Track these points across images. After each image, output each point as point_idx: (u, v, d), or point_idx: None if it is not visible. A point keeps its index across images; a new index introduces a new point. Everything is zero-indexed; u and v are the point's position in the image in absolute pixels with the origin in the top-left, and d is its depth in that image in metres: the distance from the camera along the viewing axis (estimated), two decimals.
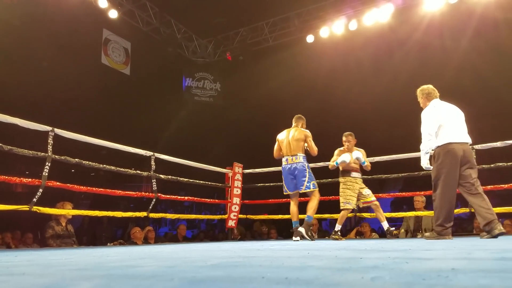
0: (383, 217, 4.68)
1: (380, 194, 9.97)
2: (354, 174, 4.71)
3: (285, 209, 8.98)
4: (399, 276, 0.90)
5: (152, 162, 4.95)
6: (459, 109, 3.64)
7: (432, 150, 3.57)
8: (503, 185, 4.78)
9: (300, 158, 4.32)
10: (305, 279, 0.88)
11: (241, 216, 6.43)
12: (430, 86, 3.79)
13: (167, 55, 10.13)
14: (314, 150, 4.39)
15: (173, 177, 5.31)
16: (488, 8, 7.69)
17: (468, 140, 3.54)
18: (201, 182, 5.96)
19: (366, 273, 0.97)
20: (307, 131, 4.52)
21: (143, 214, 4.84)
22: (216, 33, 10.42)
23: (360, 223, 7.04)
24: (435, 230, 3.52)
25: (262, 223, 7.64)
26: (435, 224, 3.51)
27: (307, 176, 4.27)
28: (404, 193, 6.64)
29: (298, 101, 11.32)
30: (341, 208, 4.73)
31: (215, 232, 9.92)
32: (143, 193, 5.37)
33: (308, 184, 4.25)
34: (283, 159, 4.45)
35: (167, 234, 9.99)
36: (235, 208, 6.22)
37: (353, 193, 4.65)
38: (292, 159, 4.34)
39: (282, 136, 4.56)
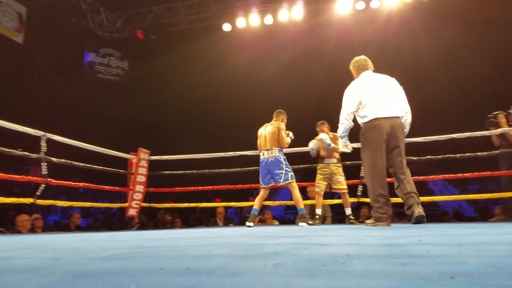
0: (347, 204, 4.86)
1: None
2: (326, 160, 4.86)
3: (191, 197, 8.89)
4: (299, 262, 0.92)
5: (43, 143, 4.46)
6: (395, 80, 3.30)
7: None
8: None
9: (276, 151, 4.37)
10: (207, 269, 0.84)
11: (144, 204, 6.17)
12: (363, 56, 3.44)
13: (69, 25, 9.17)
14: (284, 142, 4.43)
15: (66, 160, 4.85)
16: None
17: (398, 113, 3.13)
18: (100, 167, 5.56)
19: (269, 260, 0.97)
20: (282, 123, 4.56)
21: (29, 200, 4.35)
22: (127, 7, 9.75)
23: (263, 211, 7.27)
24: (373, 217, 3.20)
25: (166, 211, 7.44)
26: (373, 210, 3.20)
27: (284, 168, 4.32)
28: (303, 183, 7.00)
29: (213, 91, 11.26)
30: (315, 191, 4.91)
31: (114, 221, 9.43)
32: (30, 177, 4.81)
33: (286, 177, 4.32)
34: (260, 154, 4.50)
35: (57, 222, 9.20)
36: (137, 196, 5.93)
37: (323, 177, 4.81)
38: (268, 153, 4.40)
39: (260, 131, 4.62)
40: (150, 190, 6.32)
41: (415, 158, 5.27)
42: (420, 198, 3.13)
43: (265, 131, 4.54)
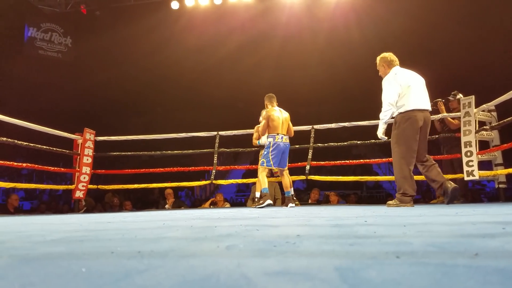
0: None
1: (235, 166, 10.45)
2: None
3: (140, 179, 8.68)
4: (252, 244, 0.94)
5: None
6: (420, 75, 3.56)
7: (393, 118, 3.49)
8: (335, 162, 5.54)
9: (288, 139, 4.67)
10: (159, 252, 0.83)
11: (91, 186, 5.94)
12: (391, 53, 3.64)
13: None
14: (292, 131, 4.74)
15: (8, 139, 4.53)
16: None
17: (429, 107, 3.47)
18: (44, 147, 5.25)
19: (221, 241, 0.98)
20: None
21: None
22: None
23: (214, 193, 7.28)
24: (397, 198, 3.43)
25: (114, 194, 7.22)
26: (398, 192, 3.42)
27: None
28: (254, 166, 7.08)
29: (162, 71, 10.94)
30: None
31: (60, 204, 9.02)
32: None
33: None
34: (278, 137, 4.55)
35: None
36: (84, 178, 5.69)
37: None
38: (285, 138, 4.61)
39: (277, 114, 4.63)
40: (97, 172, 6.09)
41: (359, 142, 5.52)
42: (365, 177, 3.51)
43: (282, 116, 4.64)
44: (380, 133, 3.56)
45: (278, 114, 4.63)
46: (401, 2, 9.09)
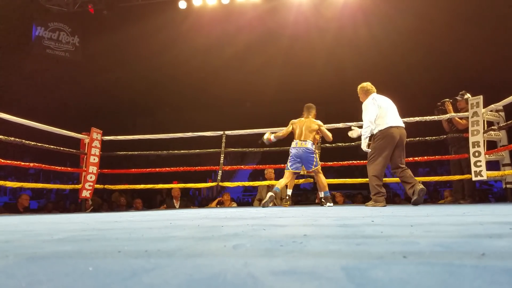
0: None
1: (241, 166, 10.46)
2: None
3: (148, 179, 8.71)
4: (259, 243, 0.94)
5: None
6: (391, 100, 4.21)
7: (373, 134, 4.09)
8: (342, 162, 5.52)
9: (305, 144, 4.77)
10: (166, 251, 0.84)
11: (98, 186, 5.98)
12: (369, 83, 4.32)
13: None
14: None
15: (15, 139, 4.57)
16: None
17: (403, 124, 4.11)
18: (51, 147, 5.29)
19: (228, 241, 0.98)
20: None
21: None
22: None
23: (221, 193, 7.30)
24: (373, 199, 4.01)
25: (121, 193, 7.26)
26: (372, 194, 4.01)
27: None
28: (260, 166, 7.08)
29: (170, 70, 10.97)
30: None
31: (66, 203, 9.09)
32: None
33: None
34: (293, 143, 4.81)
35: (7, 204, 8.74)
36: (91, 177, 5.73)
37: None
38: (301, 143, 4.76)
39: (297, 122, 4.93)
40: (104, 172, 6.13)
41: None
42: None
43: (300, 124, 4.87)
44: (364, 146, 4.10)
45: (297, 122, 4.92)
46: (409, 1, 9.03)
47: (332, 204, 4.72)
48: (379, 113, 4.05)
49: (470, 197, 4.88)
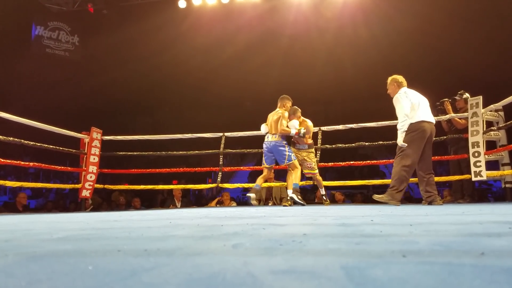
0: (319, 185, 5.04)
1: (241, 167, 10.46)
2: (298, 146, 4.96)
3: (148, 179, 8.71)
4: (258, 242, 0.94)
5: None
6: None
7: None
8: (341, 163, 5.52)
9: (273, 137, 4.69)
10: (166, 250, 0.84)
11: (97, 186, 5.98)
12: (401, 76, 4.17)
13: None
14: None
15: (15, 139, 4.57)
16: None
17: (434, 120, 4.00)
18: (51, 146, 5.29)
19: (228, 240, 0.98)
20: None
21: None
22: None
23: (221, 192, 7.30)
24: (388, 193, 3.77)
25: (120, 193, 7.26)
26: (390, 188, 3.80)
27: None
28: (260, 166, 7.06)
29: (169, 70, 10.96)
30: None
31: (66, 203, 9.08)
32: None
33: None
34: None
35: (7, 203, 8.74)
36: (91, 177, 5.73)
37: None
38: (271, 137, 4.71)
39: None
40: (104, 171, 6.12)
41: (367, 143, 5.51)
42: (372, 181, 3.67)
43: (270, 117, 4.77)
44: (400, 141, 3.87)
45: (269, 116, 4.84)
46: (409, 1, 9.02)
47: (287, 205, 4.54)
48: (412, 106, 3.91)
49: (469, 197, 4.88)
